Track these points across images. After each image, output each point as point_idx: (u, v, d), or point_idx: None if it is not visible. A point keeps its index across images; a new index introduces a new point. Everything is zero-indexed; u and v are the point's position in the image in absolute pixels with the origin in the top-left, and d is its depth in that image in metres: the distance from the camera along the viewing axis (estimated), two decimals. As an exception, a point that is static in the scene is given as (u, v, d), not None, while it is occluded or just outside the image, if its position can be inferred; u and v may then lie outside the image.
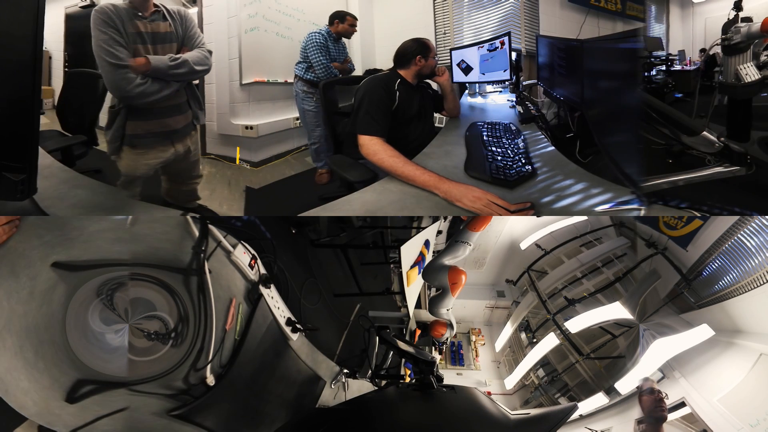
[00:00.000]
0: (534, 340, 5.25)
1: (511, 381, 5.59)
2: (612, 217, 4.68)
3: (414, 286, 3.23)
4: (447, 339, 3.40)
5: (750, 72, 1.94)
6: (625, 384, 3.63)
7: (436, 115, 2.74)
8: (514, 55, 2.65)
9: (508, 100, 3.31)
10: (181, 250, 1.57)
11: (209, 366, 1.59)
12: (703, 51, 2.68)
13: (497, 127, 2.48)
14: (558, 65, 2.48)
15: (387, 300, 3.72)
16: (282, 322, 1.96)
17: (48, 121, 2.71)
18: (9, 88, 1.17)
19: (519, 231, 5.70)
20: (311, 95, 3.40)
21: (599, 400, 3.86)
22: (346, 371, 2.50)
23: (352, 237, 3.08)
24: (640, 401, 2.67)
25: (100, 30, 1.83)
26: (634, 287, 4.12)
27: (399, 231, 3.58)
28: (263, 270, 1.89)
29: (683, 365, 3.28)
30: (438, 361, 2.49)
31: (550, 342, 4.72)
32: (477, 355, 6.50)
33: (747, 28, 1.88)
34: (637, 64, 1.86)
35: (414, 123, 2.39)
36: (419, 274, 3.20)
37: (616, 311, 3.88)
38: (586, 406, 3.92)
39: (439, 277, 2.95)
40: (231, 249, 1.72)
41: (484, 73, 2.83)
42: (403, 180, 1.80)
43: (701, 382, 3.09)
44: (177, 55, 2.00)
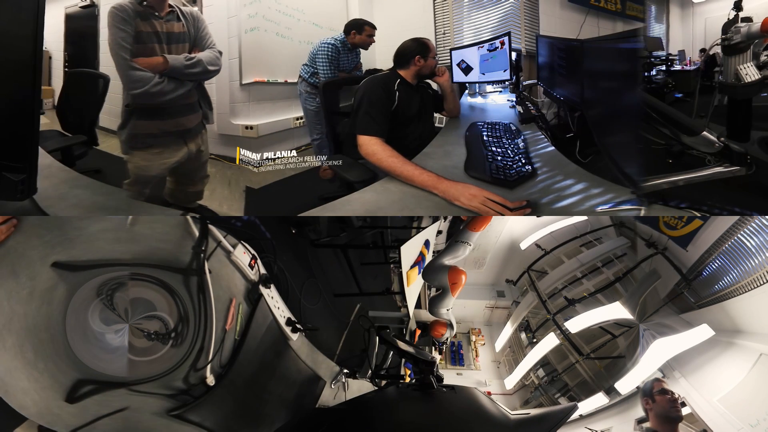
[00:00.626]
0: (534, 340, 5.24)
1: (511, 381, 5.58)
2: (612, 217, 4.67)
3: (414, 286, 3.23)
4: (447, 339, 3.40)
5: (750, 72, 1.93)
6: (625, 384, 3.63)
7: (436, 115, 2.74)
8: (514, 55, 2.64)
9: (508, 100, 3.30)
10: (181, 250, 1.57)
11: (209, 366, 1.59)
12: (703, 51, 2.67)
13: (497, 127, 2.48)
14: (558, 65, 2.47)
15: (387, 300, 3.71)
16: (282, 322, 1.96)
17: (48, 121, 2.70)
18: (9, 88, 1.18)
19: (519, 231, 5.69)
20: (314, 95, 3.39)
21: (599, 400, 3.86)
22: (346, 371, 2.50)
23: (352, 237, 3.08)
24: (651, 402, 2.62)
25: (118, 27, 1.83)
26: (634, 287, 4.11)
27: (399, 231, 3.58)
28: (263, 270, 1.89)
29: (683, 365, 3.28)
30: (438, 361, 2.49)
31: (550, 342, 4.72)
32: (477, 355, 6.50)
33: (747, 28, 1.88)
34: (637, 64, 1.87)
35: (414, 123, 2.39)
36: (419, 274, 3.20)
37: (616, 311, 3.88)
38: (586, 406, 3.92)
39: (439, 277, 2.95)
40: (231, 249, 1.72)
41: (484, 73, 2.83)
42: (402, 180, 1.80)
43: (701, 382, 3.09)
44: (192, 55, 2.04)
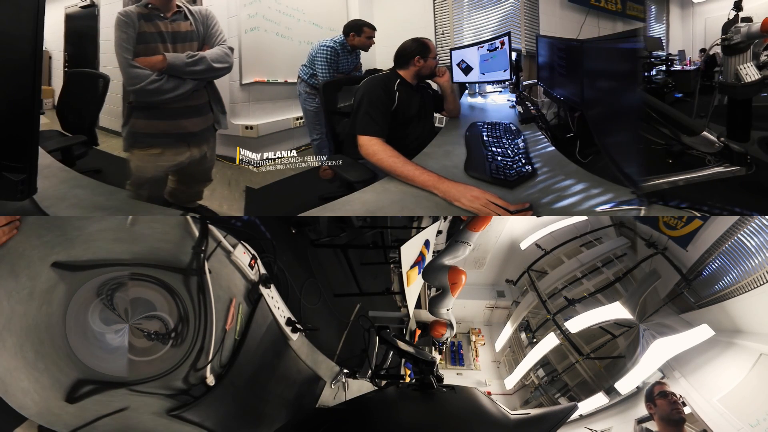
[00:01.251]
0: (534, 340, 5.24)
1: (511, 381, 5.58)
2: (612, 217, 4.67)
3: (414, 286, 3.23)
4: (447, 339, 3.40)
5: (750, 72, 1.93)
6: (625, 384, 3.63)
7: (436, 115, 2.74)
8: (514, 55, 2.64)
9: (508, 100, 3.30)
10: (181, 250, 1.57)
11: (209, 366, 1.59)
12: (703, 51, 2.67)
13: (497, 127, 2.48)
14: (558, 65, 2.47)
15: (387, 300, 3.71)
16: (282, 322, 1.96)
17: (48, 121, 2.70)
18: (9, 88, 1.18)
19: (519, 231, 5.69)
20: (313, 96, 3.38)
21: (599, 400, 3.86)
22: (346, 371, 2.50)
23: (352, 237, 3.08)
24: (653, 405, 2.61)
25: (120, 30, 1.92)
26: (634, 287, 4.11)
27: (399, 231, 3.57)
28: (263, 270, 1.89)
29: (683, 365, 3.28)
30: (438, 361, 2.49)
31: (550, 342, 4.72)
32: (477, 355, 6.50)
33: (747, 28, 1.88)
34: (637, 64, 1.87)
35: (414, 123, 2.39)
36: (419, 274, 3.20)
37: (616, 311, 3.88)
38: (586, 406, 3.92)
39: (439, 277, 2.95)
40: (231, 249, 1.72)
41: (484, 73, 2.83)
42: (403, 180, 1.80)
43: (701, 382, 3.09)
44: (194, 53, 2.02)
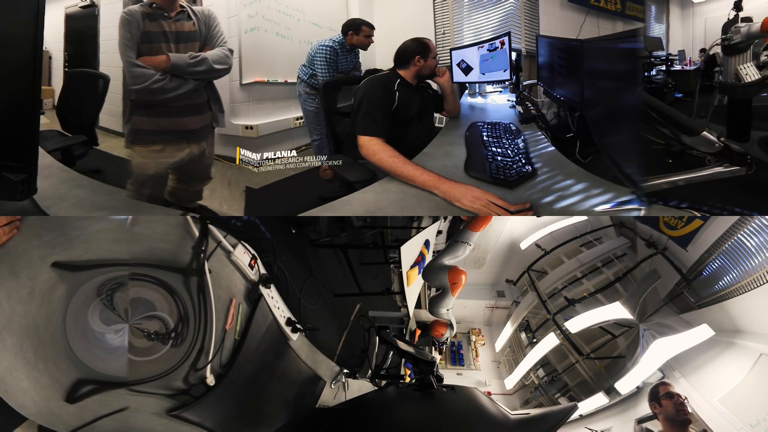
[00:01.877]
0: (534, 340, 5.24)
1: (511, 381, 5.58)
2: (612, 217, 4.67)
3: (414, 286, 3.23)
4: (447, 339, 3.40)
5: (750, 72, 1.94)
6: (625, 384, 3.63)
7: (436, 115, 2.74)
8: (514, 55, 2.64)
9: (508, 100, 3.30)
10: (181, 250, 1.57)
11: (209, 366, 1.59)
12: (703, 51, 2.67)
13: (497, 127, 2.48)
14: (558, 65, 2.47)
15: (387, 300, 3.71)
16: (282, 322, 1.96)
17: (48, 121, 2.70)
18: (9, 88, 1.18)
19: (519, 231, 5.69)
20: (313, 96, 3.38)
21: (599, 400, 3.86)
22: (346, 371, 2.50)
23: (352, 237, 3.08)
24: (658, 405, 2.60)
25: (124, 30, 1.96)
26: (634, 287, 4.11)
27: (399, 231, 3.57)
28: (263, 270, 1.89)
29: (683, 365, 3.28)
30: (438, 361, 2.49)
31: (550, 342, 4.72)
32: (477, 355, 6.50)
33: (747, 28, 1.88)
34: (637, 64, 1.87)
35: (414, 123, 2.39)
36: (419, 274, 3.19)
37: (616, 311, 3.87)
38: (586, 406, 3.92)
39: (439, 277, 2.95)
40: (231, 249, 1.72)
41: (484, 73, 2.83)
42: (403, 180, 1.80)
43: (701, 382, 3.09)
44: (197, 54, 2.06)
